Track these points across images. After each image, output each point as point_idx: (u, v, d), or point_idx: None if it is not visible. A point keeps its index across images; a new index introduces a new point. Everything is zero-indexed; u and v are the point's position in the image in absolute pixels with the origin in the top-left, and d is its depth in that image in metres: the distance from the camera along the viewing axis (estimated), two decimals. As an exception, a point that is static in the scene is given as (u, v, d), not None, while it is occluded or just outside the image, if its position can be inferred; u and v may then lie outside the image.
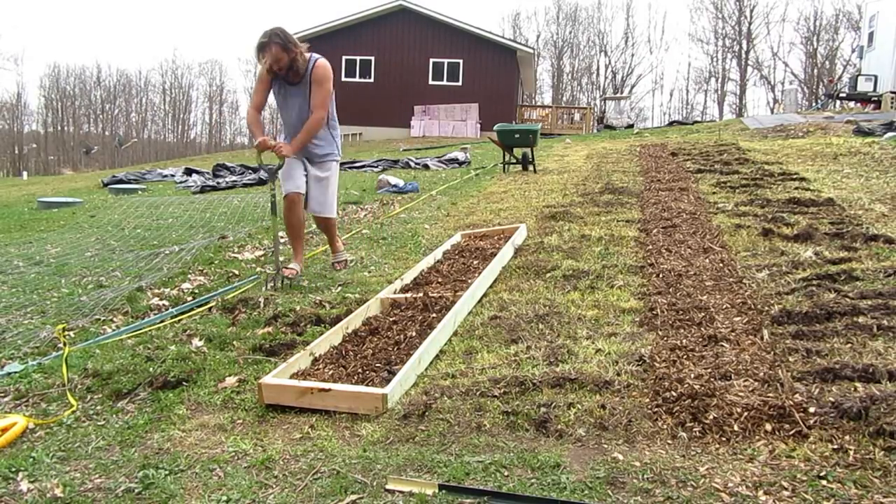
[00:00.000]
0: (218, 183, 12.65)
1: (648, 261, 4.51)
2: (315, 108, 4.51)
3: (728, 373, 2.65)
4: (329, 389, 2.72)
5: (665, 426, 2.39)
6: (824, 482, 2.01)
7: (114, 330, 3.84)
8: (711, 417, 2.37)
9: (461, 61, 27.86)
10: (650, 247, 4.86)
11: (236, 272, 4.98)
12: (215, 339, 3.54)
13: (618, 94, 42.84)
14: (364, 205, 8.25)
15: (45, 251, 6.28)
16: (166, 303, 4.32)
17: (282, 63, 4.34)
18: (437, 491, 2.06)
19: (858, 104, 20.05)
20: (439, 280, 4.42)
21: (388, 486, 2.11)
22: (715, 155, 9.97)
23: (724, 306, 3.52)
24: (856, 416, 2.27)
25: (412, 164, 13.65)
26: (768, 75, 46.58)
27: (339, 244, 5.14)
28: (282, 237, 5.10)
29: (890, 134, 10.74)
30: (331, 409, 2.70)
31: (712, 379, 2.60)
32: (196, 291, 4.55)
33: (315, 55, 4.58)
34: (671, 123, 28.18)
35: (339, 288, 4.42)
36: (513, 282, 4.32)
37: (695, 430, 2.35)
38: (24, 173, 33.15)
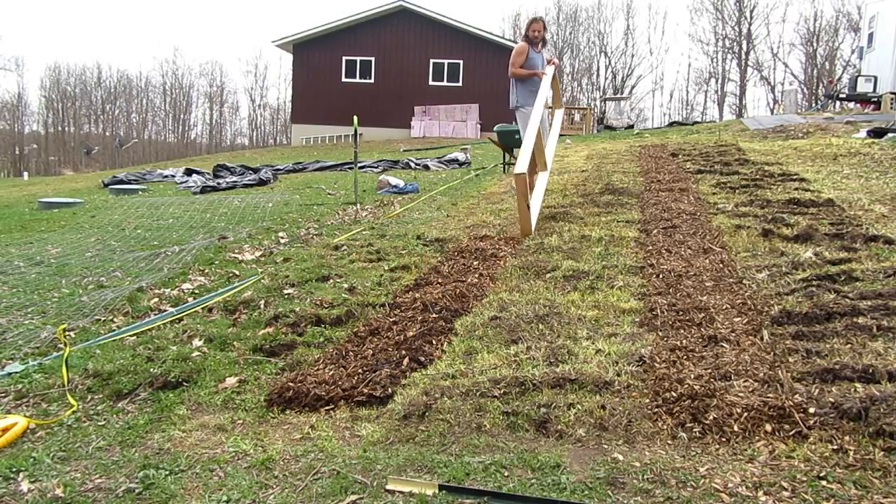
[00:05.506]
0: (218, 183, 12.66)
1: (648, 261, 4.52)
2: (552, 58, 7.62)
3: (728, 373, 2.65)
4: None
5: (665, 426, 2.39)
6: (824, 482, 2.02)
7: (114, 330, 3.84)
8: (711, 418, 2.37)
9: (461, 62, 27.86)
10: (650, 247, 4.86)
11: (237, 272, 4.98)
12: (216, 340, 3.55)
13: (618, 95, 42.84)
14: (365, 205, 8.26)
15: (45, 251, 6.29)
16: (167, 303, 4.32)
17: (541, 33, 7.27)
18: (437, 491, 2.06)
19: (858, 105, 20.04)
20: (439, 280, 4.42)
21: (388, 487, 2.11)
22: (715, 156, 9.96)
23: (724, 307, 3.52)
24: (856, 416, 2.28)
25: (412, 165, 13.66)
26: (768, 76, 46.56)
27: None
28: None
29: (890, 134, 10.73)
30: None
31: (712, 379, 2.61)
32: (196, 292, 4.55)
33: None
34: (671, 124, 28.18)
35: (339, 287, 4.42)
36: (513, 282, 4.32)
37: (695, 430, 2.35)
38: (25, 174, 33.16)
